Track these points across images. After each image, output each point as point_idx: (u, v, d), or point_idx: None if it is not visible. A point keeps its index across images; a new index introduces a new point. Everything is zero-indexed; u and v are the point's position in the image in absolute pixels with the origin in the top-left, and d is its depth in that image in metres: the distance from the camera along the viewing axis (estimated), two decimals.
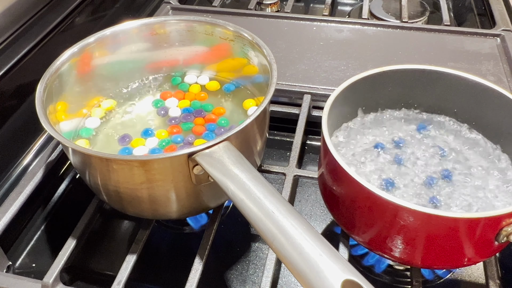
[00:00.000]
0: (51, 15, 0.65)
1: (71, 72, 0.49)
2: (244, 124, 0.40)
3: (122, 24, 0.52)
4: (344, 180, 0.39)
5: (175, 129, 0.50)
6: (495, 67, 0.64)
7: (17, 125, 0.58)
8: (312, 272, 0.30)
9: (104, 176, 0.41)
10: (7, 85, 0.57)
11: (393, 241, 0.38)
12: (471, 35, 0.70)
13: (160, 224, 0.52)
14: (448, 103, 0.47)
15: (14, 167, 0.56)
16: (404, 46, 0.68)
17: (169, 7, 0.78)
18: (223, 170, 0.37)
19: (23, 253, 0.50)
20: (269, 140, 0.57)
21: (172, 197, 0.42)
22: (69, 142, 0.40)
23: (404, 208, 0.35)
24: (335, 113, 0.44)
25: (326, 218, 0.52)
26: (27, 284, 0.43)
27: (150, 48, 0.54)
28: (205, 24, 0.53)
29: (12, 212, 0.47)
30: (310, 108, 0.59)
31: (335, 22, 0.73)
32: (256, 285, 0.46)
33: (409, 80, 0.47)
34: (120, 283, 0.42)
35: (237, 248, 0.49)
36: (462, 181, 0.43)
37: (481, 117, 0.46)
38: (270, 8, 0.83)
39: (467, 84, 0.45)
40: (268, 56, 0.47)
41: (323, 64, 0.65)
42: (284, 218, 0.33)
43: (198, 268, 0.42)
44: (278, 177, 0.54)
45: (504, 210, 0.34)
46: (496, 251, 0.40)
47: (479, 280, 0.46)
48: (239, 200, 0.35)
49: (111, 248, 0.50)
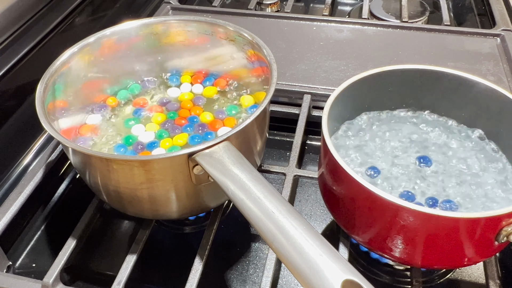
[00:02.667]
0: (51, 15, 0.65)
1: (71, 72, 0.49)
2: (244, 124, 0.40)
3: (122, 24, 0.52)
4: (344, 180, 0.39)
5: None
6: (495, 67, 0.64)
7: (17, 125, 0.57)
8: (312, 272, 0.30)
9: (104, 176, 0.41)
10: (7, 85, 0.57)
11: (393, 241, 0.38)
12: (471, 35, 0.70)
13: (160, 224, 0.52)
14: (448, 103, 0.47)
15: (14, 167, 0.56)
16: (404, 46, 0.68)
17: (169, 7, 0.78)
18: (223, 170, 0.37)
19: (23, 253, 0.50)
20: (269, 140, 0.57)
21: (172, 197, 0.42)
22: (69, 142, 0.40)
23: (404, 208, 0.35)
24: (335, 113, 0.44)
25: (326, 218, 0.52)
26: (27, 284, 0.43)
27: (150, 48, 0.54)
28: (205, 24, 0.53)
29: (12, 212, 0.47)
30: (310, 108, 0.59)
31: (335, 22, 0.73)
32: (256, 285, 0.46)
33: (409, 80, 0.47)
34: (120, 283, 0.42)
35: (237, 248, 0.49)
36: (456, 175, 0.43)
37: (481, 117, 0.46)
38: (270, 8, 0.83)
39: (467, 84, 0.45)
40: (268, 56, 0.47)
41: (323, 64, 0.65)
42: (284, 218, 0.33)
43: (198, 268, 0.42)
44: (278, 177, 0.54)
45: (504, 210, 0.34)
46: (496, 251, 0.40)
47: (479, 280, 0.46)
48: (239, 200, 0.35)
49: (111, 248, 0.50)
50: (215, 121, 0.50)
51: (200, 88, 0.55)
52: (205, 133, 0.49)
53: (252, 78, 0.52)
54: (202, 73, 0.56)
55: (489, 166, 0.44)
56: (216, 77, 0.55)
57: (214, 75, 0.56)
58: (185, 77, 0.56)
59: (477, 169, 0.44)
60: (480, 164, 0.44)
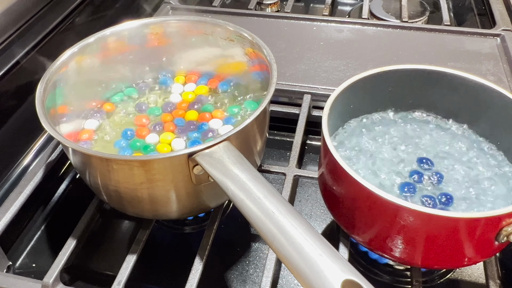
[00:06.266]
0: (51, 15, 0.65)
1: (71, 72, 0.49)
2: (244, 124, 0.40)
3: (122, 24, 0.52)
4: (344, 180, 0.39)
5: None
6: (495, 67, 0.64)
7: (17, 125, 0.57)
8: (312, 272, 0.30)
9: (104, 176, 0.41)
10: (7, 85, 0.57)
11: (393, 241, 0.38)
12: (471, 35, 0.70)
13: (160, 224, 0.52)
14: (448, 103, 0.47)
15: (14, 167, 0.56)
16: (404, 46, 0.68)
17: (169, 7, 0.78)
18: (223, 170, 0.37)
19: (23, 253, 0.50)
20: (269, 140, 0.57)
21: (172, 197, 0.42)
22: (69, 142, 0.40)
23: (404, 208, 0.35)
24: (335, 113, 0.44)
25: (326, 218, 0.52)
26: (27, 284, 0.43)
27: (150, 48, 0.54)
28: (205, 24, 0.53)
29: (12, 212, 0.47)
30: (310, 108, 0.59)
31: (335, 22, 0.73)
32: (256, 285, 0.46)
33: (409, 80, 0.47)
34: (120, 283, 0.42)
35: (237, 248, 0.49)
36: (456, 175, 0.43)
37: (481, 117, 0.46)
38: (270, 8, 0.83)
39: (467, 84, 0.45)
40: (268, 56, 0.47)
41: (323, 64, 0.65)
42: (284, 218, 0.33)
43: (198, 268, 0.42)
44: (278, 177, 0.54)
45: (504, 210, 0.35)
46: (496, 251, 0.40)
47: (479, 280, 0.46)
48: (239, 200, 0.35)
49: (111, 248, 0.50)
50: (202, 114, 0.51)
51: (200, 88, 0.55)
52: (198, 125, 0.49)
53: (252, 78, 0.52)
54: (201, 73, 0.56)
55: (489, 166, 0.44)
56: (213, 77, 0.56)
57: (214, 75, 0.56)
58: (179, 78, 0.56)
59: (477, 169, 0.44)
60: (479, 164, 0.44)
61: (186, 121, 0.51)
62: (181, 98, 0.53)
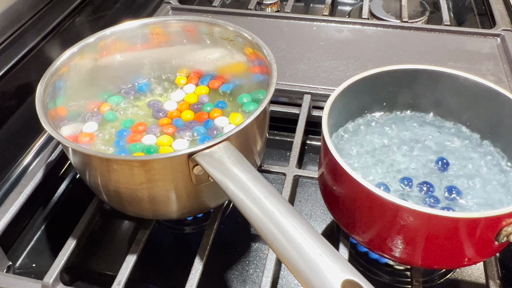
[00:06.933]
0: (51, 15, 0.65)
1: (71, 72, 0.49)
2: (244, 124, 0.40)
3: (122, 24, 0.52)
4: (344, 180, 0.39)
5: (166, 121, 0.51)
6: (495, 67, 0.64)
7: (17, 125, 0.58)
8: (312, 272, 0.30)
9: (104, 176, 0.41)
10: (7, 85, 0.57)
11: (393, 241, 0.38)
12: (471, 35, 0.70)
13: (160, 224, 0.52)
14: (448, 103, 0.47)
15: (14, 167, 0.56)
16: (404, 46, 0.68)
17: (169, 7, 0.78)
18: (223, 170, 0.37)
19: (23, 253, 0.50)
20: (269, 140, 0.57)
21: (172, 197, 0.42)
22: (69, 142, 0.40)
23: (404, 208, 0.35)
24: (335, 113, 0.44)
25: (326, 218, 0.52)
26: (27, 284, 0.43)
27: (150, 48, 0.54)
28: (205, 24, 0.53)
29: (12, 212, 0.47)
30: (310, 108, 0.59)
31: (335, 22, 0.73)
32: (256, 285, 0.46)
33: (409, 80, 0.47)
34: (120, 283, 0.42)
35: (237, 248, 0.49)
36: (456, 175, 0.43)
37: (481, 117, 0.46)
38: (270, 8, 0.83)
39: (467, 84, 0.45)
40: (268, 56, 0.47)
41: (323, 64, 0.65)
42: (284, 218, 0.33)
43: (198, 268, 0.42)
44: (278, 177, 0.54)
45: (504, 210, 0.35)
46: (496, 251, 0.40)
47: (479, 280, 0.46)
48: (239, 200, 0.35)
49: (111, 248, 0.50)
50: (201, 113, 0.51)
51: (200, 88, 0.55)
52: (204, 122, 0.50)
53: (252, 78, 0.52)
54: (200, 73, 0.56)
55: (489, 166, 0.44)
56: (214, 78, 0.56)
57: (213, 75, 0.56)
58: (179, 78, 0.56)
59: (476, 170, 0.44)
60: (479, 164, 0.44)
61: (185, 121, 0.51)
62: (176, 106, 0.53)
